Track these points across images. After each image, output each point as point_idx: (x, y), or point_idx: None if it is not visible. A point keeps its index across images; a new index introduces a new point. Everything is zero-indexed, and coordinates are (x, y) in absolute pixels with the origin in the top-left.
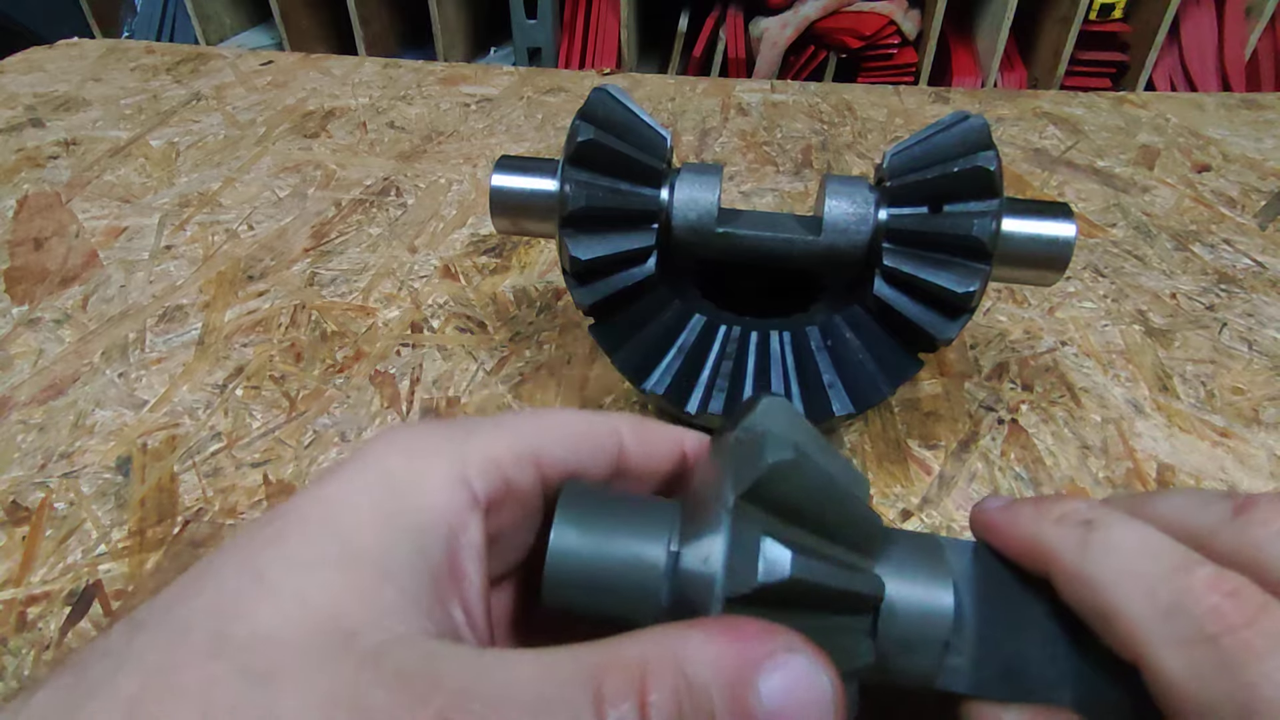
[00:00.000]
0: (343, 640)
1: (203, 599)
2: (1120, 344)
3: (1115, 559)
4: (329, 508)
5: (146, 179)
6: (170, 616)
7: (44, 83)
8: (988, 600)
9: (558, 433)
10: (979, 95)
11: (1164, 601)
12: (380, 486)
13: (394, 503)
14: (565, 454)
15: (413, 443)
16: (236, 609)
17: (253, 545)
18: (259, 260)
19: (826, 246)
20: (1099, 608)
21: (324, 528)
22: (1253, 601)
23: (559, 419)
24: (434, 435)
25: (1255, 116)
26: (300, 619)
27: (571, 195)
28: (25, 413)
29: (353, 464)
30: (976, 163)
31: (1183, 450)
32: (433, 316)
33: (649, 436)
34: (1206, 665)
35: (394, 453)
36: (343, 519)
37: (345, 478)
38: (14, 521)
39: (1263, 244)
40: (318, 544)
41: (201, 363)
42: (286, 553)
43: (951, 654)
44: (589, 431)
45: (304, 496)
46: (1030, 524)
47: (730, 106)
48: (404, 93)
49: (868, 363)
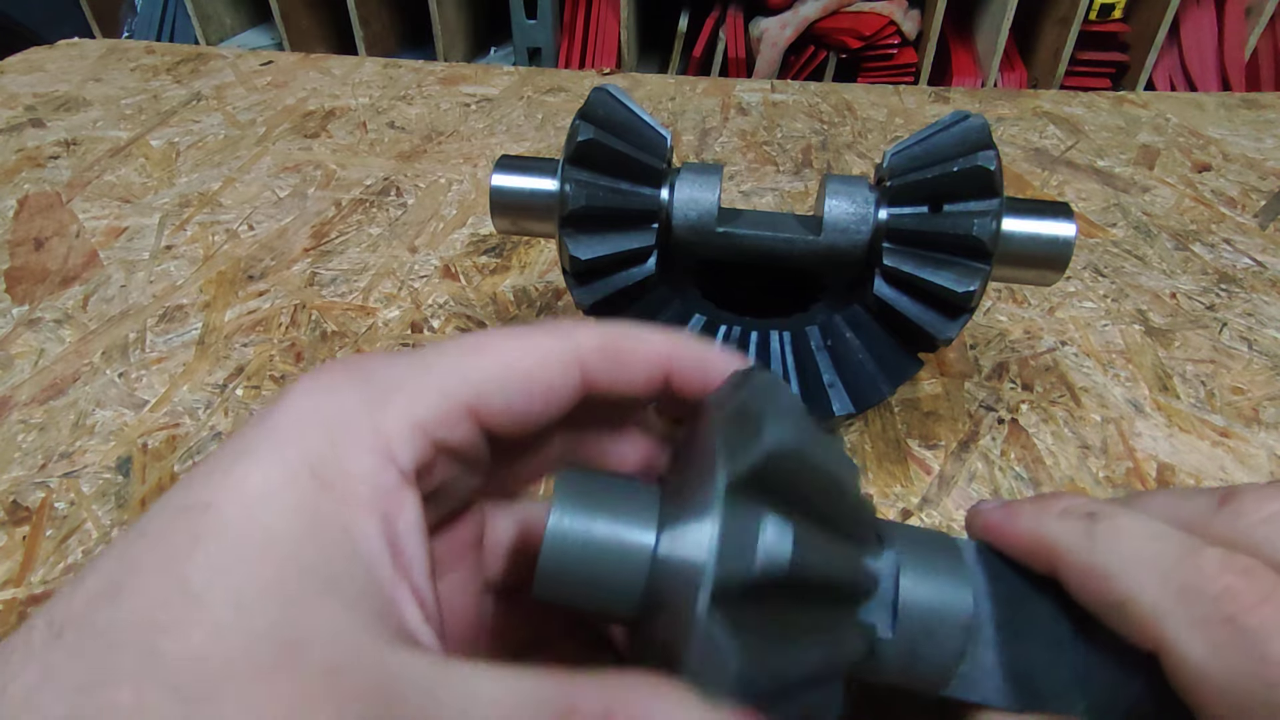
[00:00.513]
0: (288, 658)
1: (125, 608)
2: (1120, 344)
3: (1124, 547)
4: (250, 505)
5: (147, 179)
6: (92, 625)
7: (44, 83)
8: (994, 602)
9: (497, 376)
10: (979, 95)
11: (1178, 584)
12: (304, 477)
13: (321, 497)
14: (507, 400)
15: (329, 413)
16: (165, 622)
17: (171, 547)
18: (259, 260)
19: (827, 246)
20: (1112, 597)
21: (248, 530)
22: (1266, 579)
23: (500, 356)
24: (351, 401)
25: (1255, 116)
26: (237, 635)
27: (572, 195)
28: (26, 412)
29: (266, 445)
30: (976, 162)
31: (1183, 450)
32: (433, 316)
33: (622, 360)
34: (1227, 644)
35: (311, 429)
36: (268, 519)
37: (262, 466)
38: (14, 521)
39: (1263, 244)
40: (243, 549)
41: (202, 362)
42: (211, 559)
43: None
44: (537, 370)
45: (217, 488)
46: (1032, 521)
47: (730, 106)
48: (404, 93)
49: (868, 362)
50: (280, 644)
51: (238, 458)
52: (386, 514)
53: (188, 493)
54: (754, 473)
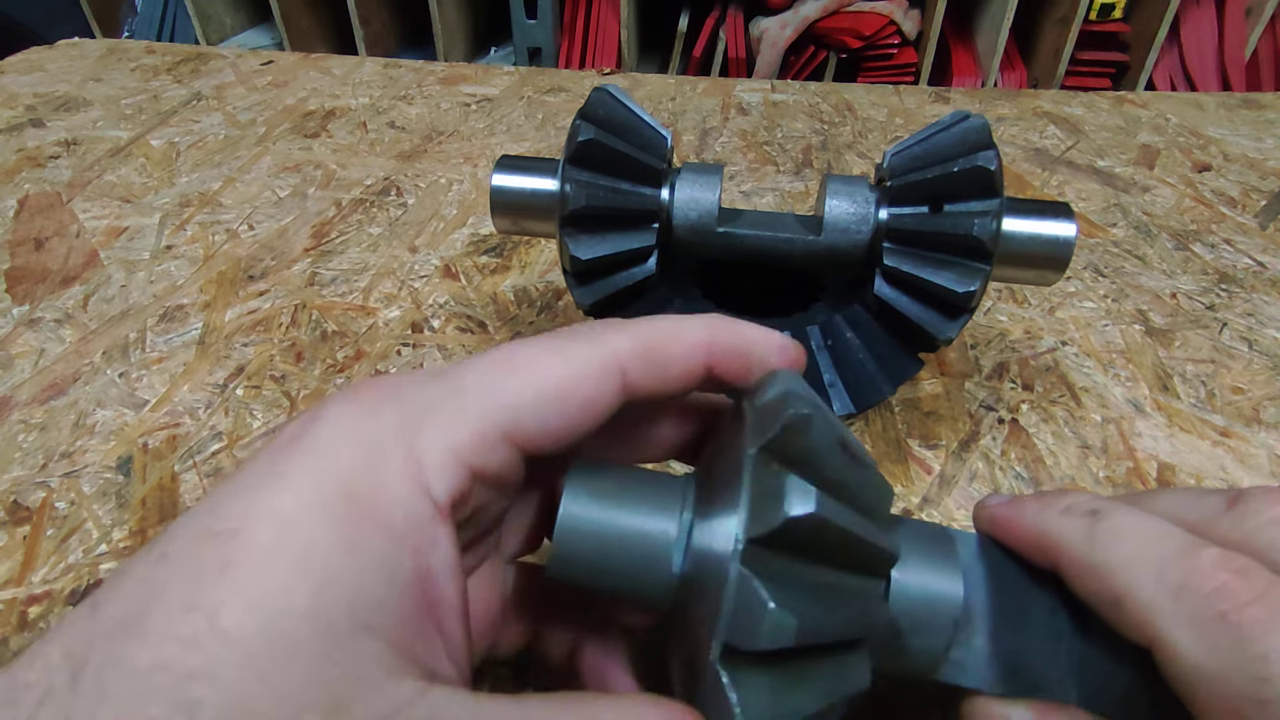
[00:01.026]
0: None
1: (151, 643)
2: (1120, 344)
3: (1123, 545)
4: (282, 529)
5: (147, 179)
6: (118, 667)
7: (44, 83)
8: (994, 593)
9: (533, 396)
10: (979, 95)
11: (1174, 582)
12: (338, 502)
13: (357, 524)
14: (543, 420)
15: (365, 437)
16: (197, 666)
17: (197, 574)
18: (259, 260)
19: (827, 246)
20: (1109, 593)
21: (281, 557)
22: (1261, 579)
23: (535, 373)
24: (387, 425)
25: (1255, 116)
26: (278, 678)
27: (572, 195)
28: (26, 412)
29: (298, 466)
30: (977, 162)
31: (1183, 450)
32: (433, 316)
33: (661, 359)
34: (1218, 641)
35: (345, 446)
36: (302, 546)
37: (295, 489)
38: (15, 521)
39: (1263, 244)
40: (277, 578)
41: (202, 362)
42: (241, 589)
43: (956, 646)
44: (574, 385)
45: (246, 511)
46: (1036, 517)
47: (730, 106)
48: (404, 92)
49: (868, 362)
50: (322, 688)
51: (268, 479)
52: (419, 549)
53: (214, 515)
54: (777, 441)
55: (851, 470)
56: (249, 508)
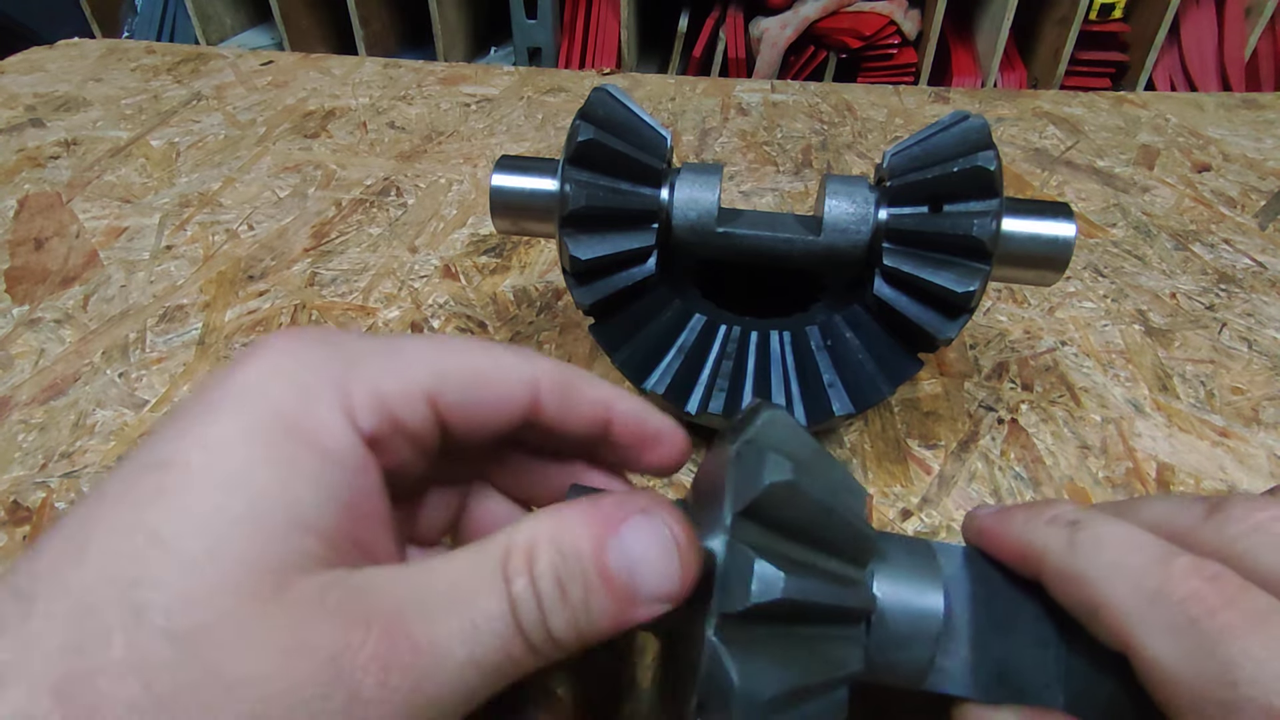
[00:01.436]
0: (272, 590)
1: (94, 565)
2: (1120, 344)
3: (1101, 554)
4: (213, 453)
5: (147, 179)
6: (63, 588)
7: (44, 83)
8: (979, 603)
9: (457, 372)
10: (979, 95)
11: (1148, 589)
12: (272, 428)
13: (289, 444)
14: (462, 396)
15: (296, 369)
16: (140, 574)
17: (133, 501)
18: (259, 260)
19: (826, 246)
20: (1087, 601)
21: (214, 476)
22: (1231, 585)
23: (462, 356)
24: (317, 362)
25: (1255, 116)
26: (218, 577)
27: (572, 195)
28: (26, 412)
29: (232, 401)
30: (976, 162)
31: (1182, 450)
32: (433, 316)
33: (572, 396)
34: (1190, 646)
35: (278, 384)
36: (234, 465)
37: (228, 419)
38: (15, 521)
39: (1263, 244)
40: (210, 493)
41: (202, 362)
42: (180, 507)
43: (943, 656)
44: (494, 376)
45: (179, 440)
46: (1021, 527)
47: (730, 106)
48: (404, 93)
49: (868, 362)
50: (265, 583)
51: (202, 414)
52: (349, 468)
53: (150, 451)
54: (755, 507)
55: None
56: (179, 441)
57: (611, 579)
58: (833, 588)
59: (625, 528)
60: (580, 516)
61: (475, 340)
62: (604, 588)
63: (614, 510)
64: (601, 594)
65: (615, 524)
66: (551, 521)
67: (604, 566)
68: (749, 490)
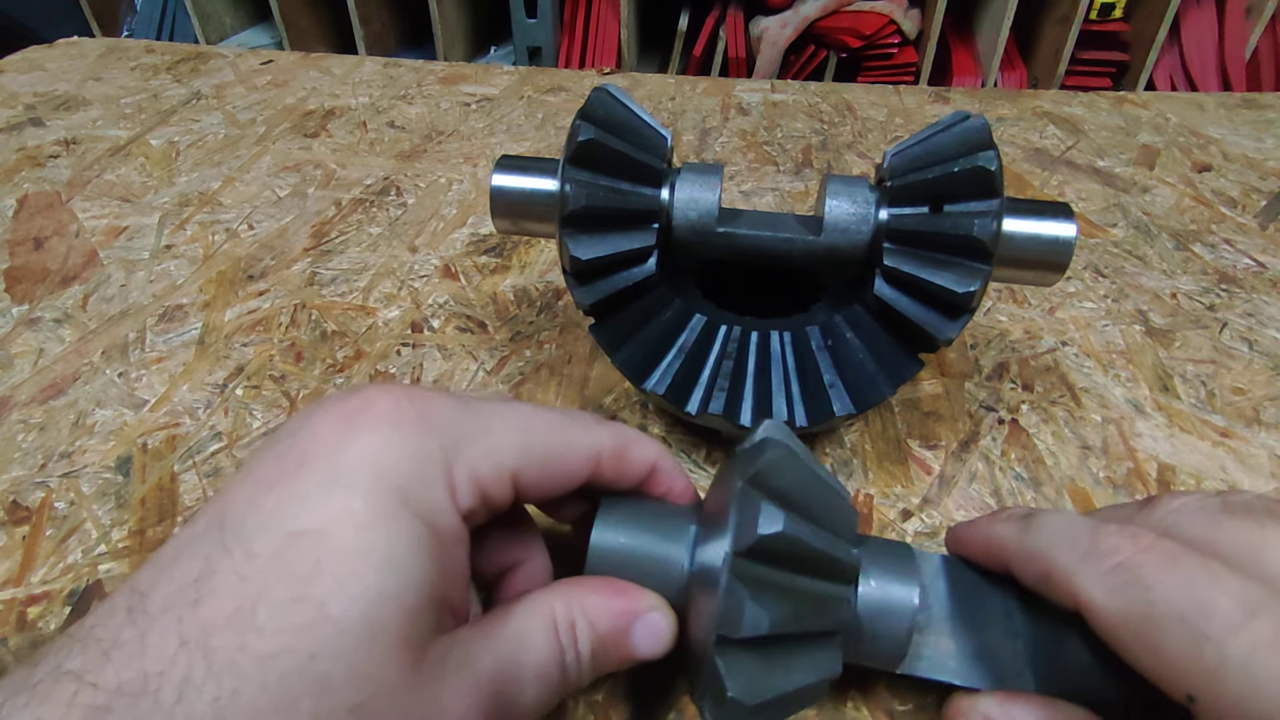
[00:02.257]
0: (413, 660)
1: (269, 633)
2: (1121, 344)
3: (1047, 532)
4: (364, 533)
5: (147, 178)
6: (244, 649)
7: (44, 82)
8: (957, 600)
9: (537, 451)
10: (979, 95)
11: (1083, 550)
12: (401, 510)
13: (416, 527)
14: (539, 473)
15: (410, 449)
16: (316, 646)
17: (294, 573)
18: (259, 260)
19: (827, 246)
20: (1040, 571)
21: (366, 556)
22: (1146, 538)
23: (544, 435)
24: (424, 438)
25: (1255, 116)
26: (381, 651)
27: (572, 195)
28: (25, 412)
29: (361, 473)
30: (977, 162)
31: (1183, 450)
32: (433, 316)
33: (625, 460)
34: (1117, 585)
35: (399, 459)
36: (383, 546)
37: (360, 491)
38: (14, 521)
39: (1263, 244)
40: (369, 576)
41: (202, 362)
42: (341, 584)
43: (926, 646)
44: (568, 455)
45: (322, 509)
46: (985, 528)
47: (730, 106)
48: (404, 92)
49: (868, 363)
50: (409, 646)
51: (334, 485)
52: (451, 544)
53: (288, 514)
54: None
55: (821, 498)
56: (323, 510)
57: (627, 653)
58: (813, 611)
59: (639, 624)
60: (609, 606)
61: (548, 414)
62: (620, 657)
63: (633, 605)
64: (617, 659)
65: (633, 617)
66: (589, 601)
67: (624, 646)
68: (746, 537)
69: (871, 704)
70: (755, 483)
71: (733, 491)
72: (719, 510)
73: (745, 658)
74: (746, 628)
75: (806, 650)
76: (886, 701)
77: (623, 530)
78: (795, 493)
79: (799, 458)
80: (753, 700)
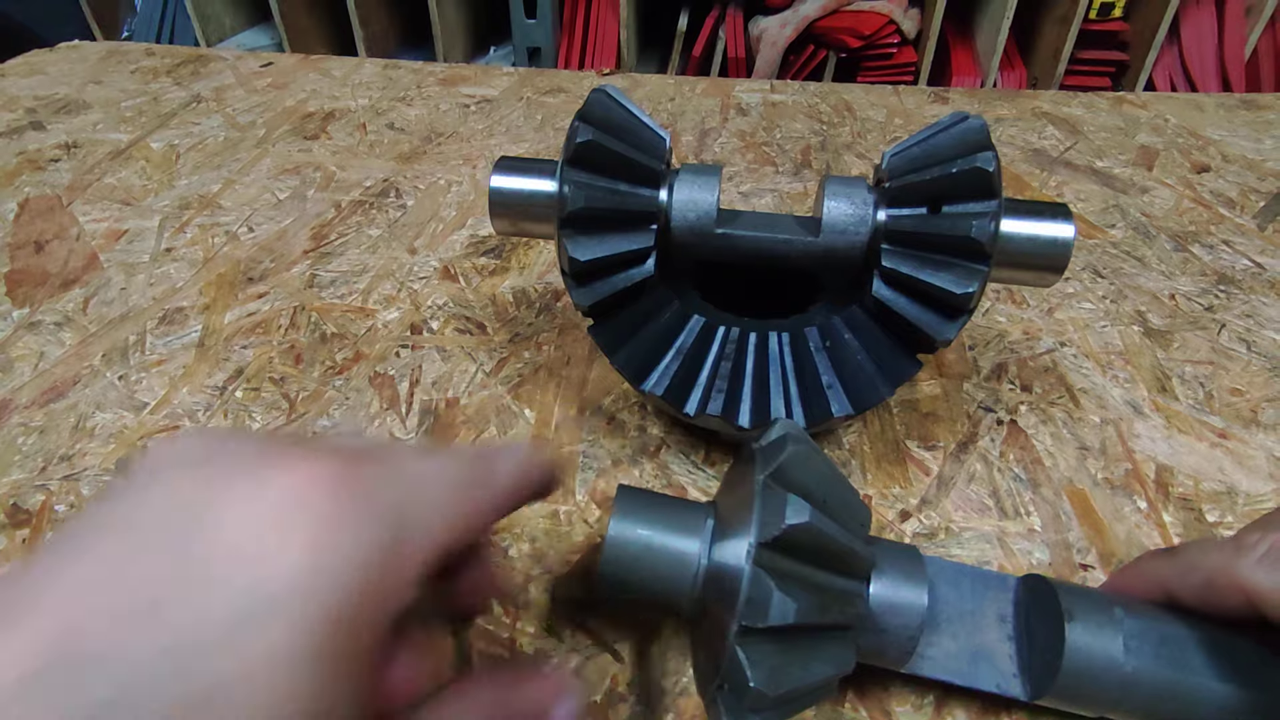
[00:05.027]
0: None
1: None
2: (1119, 345)
3: (1195, 548)
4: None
5: (147, 181)
6: None
7: (44, 85)
8: (955, 604)
9: (461, 534)
10: (978, 95)
11: (1230, 550)
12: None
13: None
14: (457, 549)
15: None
16: None
17: None
18: (259, 262)
19: (825, 247)
20: (1201, 580)
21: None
22: None
23: (474, 506)
24: (374, 555)
25: (1255, 117)
26: None
27: (570, 196)
28: (26, 415)
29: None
30: (975, 163)
31: (1181, 451)
32: (432, 318)
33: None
34: (1272, 565)
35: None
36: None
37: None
38: (15, 524)
39: (1262, 245)
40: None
41: (202, 365)
42: None
43: (930, 646)
44: (482, 527)
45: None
46: (1136, 565)
47: (730, 106)
48: (404, 94)
49: (866, 364)
50: None
51: (267, 612)
52: (384, 649)
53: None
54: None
55: (838, 494)
56: (226, 660)
57: None
58: (832, 605)
59: (560, 700)
60: (534, 686)
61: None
62: None
63: (555, 684)
64: None
65: (557, 694)
66: (516, 684)
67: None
68: (771, 527)
69: (870, 704)
70: (777, 477)
71: (755, 485)
72: (738, 505)
73: (767, 649)
74: (774, 616)
75: (824, 644)
76: (884, 702)
77: (640, 522)
78: (815, 488)
79: (819, 454)
80: (774, 691)
